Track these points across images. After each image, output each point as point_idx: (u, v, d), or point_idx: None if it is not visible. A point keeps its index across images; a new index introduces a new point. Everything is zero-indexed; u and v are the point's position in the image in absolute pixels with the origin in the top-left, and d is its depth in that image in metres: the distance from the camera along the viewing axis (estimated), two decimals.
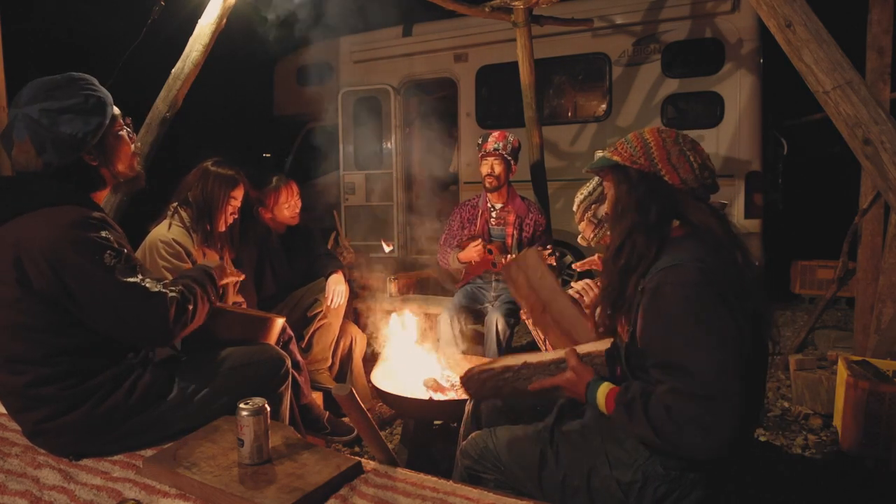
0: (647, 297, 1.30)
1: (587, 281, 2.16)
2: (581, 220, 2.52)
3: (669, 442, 1.20)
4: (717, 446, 1.15)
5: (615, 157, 1.45)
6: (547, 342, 2.31)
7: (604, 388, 1.35)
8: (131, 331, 1.53)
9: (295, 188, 3.03)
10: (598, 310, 1.52)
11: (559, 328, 1.90)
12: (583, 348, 1.47)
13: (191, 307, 1.60)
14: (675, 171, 1.38)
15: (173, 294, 1.57)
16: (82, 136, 1.49)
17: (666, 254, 1.34)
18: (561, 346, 1.94)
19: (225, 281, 1.89)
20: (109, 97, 1.57)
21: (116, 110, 1.60)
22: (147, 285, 1.52)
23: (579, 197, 2.50)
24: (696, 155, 1.40)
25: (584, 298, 2.11)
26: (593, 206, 2.38)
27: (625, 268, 1.39)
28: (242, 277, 2.17)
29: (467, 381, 1.60)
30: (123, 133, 1.63)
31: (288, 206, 3.00)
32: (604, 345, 1.46)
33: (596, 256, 2.41)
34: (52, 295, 1.45)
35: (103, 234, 1.49)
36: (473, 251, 3.29)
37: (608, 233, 2.30)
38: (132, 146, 1.66)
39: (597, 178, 2.42)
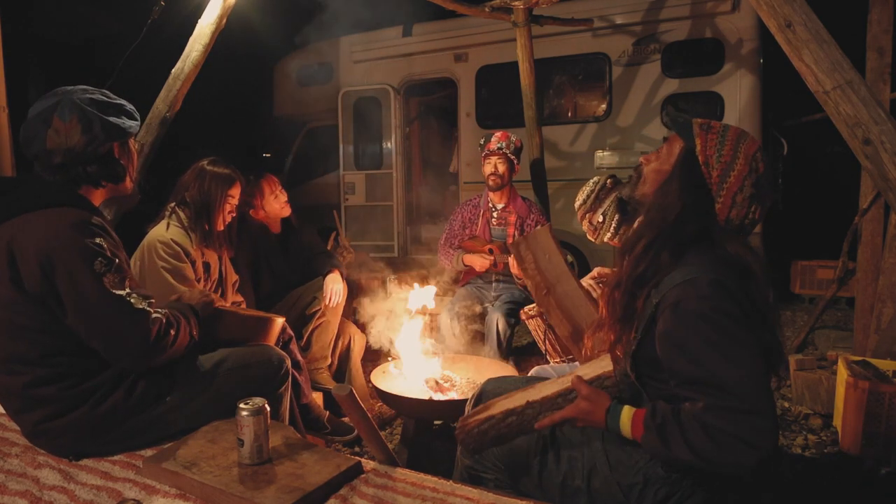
0: (667, 315, 1.23)
1: (602, 274, 2.12)
2: (581, 223, 2.53)
3: (710, 461, 1.14)
4: (760, 459, 1.11)
5: (698, 141, 1.30)
6: (547, 340, 2.30)
7: (626, 413, 1.27)
8: (110, 343, 1.50)
9: (274, 179, 3.08)
10: (599, 325, 1.44)
11: (562, 311, 1.87)
12: (588, 373, 1.37)
13: (173, 332, 1.58)
14: (729, 210, 1.27)
15: (157, 315, 1.55)
16: (124, 128, 1.63)
17: (680, 265, 1.27)
18: (562, 329, 1.91)
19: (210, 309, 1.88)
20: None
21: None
22: (132, 301, 1.51)
23: (577, 203, 2.50)
24: (759, 206, 1.28)
25: (597, 291, 2.08)
26: (588, 215, 2.38)
27: (640, 278, 1.32)
28: (226, 306, 2.16)
29: (465, 437, 1.42)
30: (136, 149, 1.76)
31: (275, 197, 3.06)
32: (607, 364, 1.38)
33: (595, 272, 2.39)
34: (41, 296, 1.45)
35: (98, 240, 1.49)
36: (479, 259, 3.36)
37: (612, 230, 2.29)
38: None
39: (591, 184, 2.39)
